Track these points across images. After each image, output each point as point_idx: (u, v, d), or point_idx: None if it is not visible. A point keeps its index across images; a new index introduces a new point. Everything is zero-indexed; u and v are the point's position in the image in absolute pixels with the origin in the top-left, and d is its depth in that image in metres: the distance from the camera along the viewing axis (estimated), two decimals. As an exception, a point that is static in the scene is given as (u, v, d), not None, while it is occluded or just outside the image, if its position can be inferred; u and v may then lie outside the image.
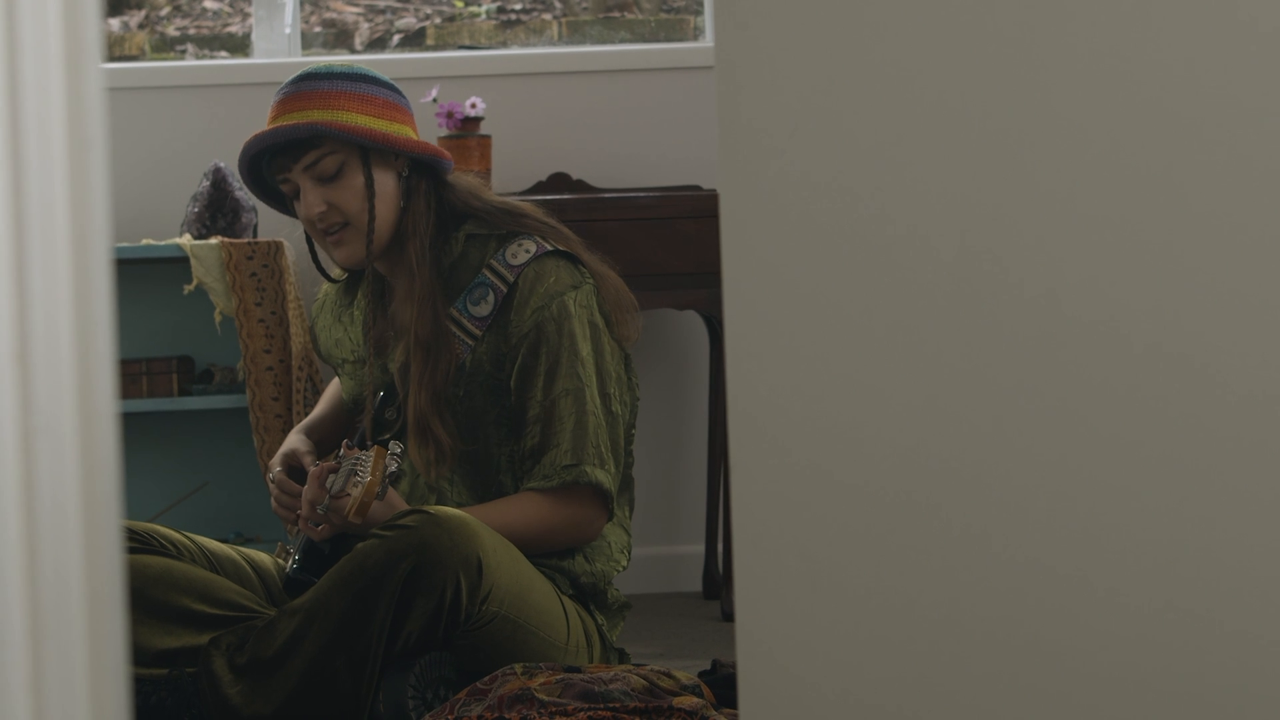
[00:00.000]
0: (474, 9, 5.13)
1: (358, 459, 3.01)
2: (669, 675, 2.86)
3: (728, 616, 4.19)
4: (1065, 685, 1.54)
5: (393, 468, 2.95)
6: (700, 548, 4.52)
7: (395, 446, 2.99)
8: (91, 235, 1.05)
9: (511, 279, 3.12)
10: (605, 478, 3.09)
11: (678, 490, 4.54)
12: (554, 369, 3.09)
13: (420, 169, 3.19)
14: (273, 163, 3.16)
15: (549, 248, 3.14)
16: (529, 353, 3.10)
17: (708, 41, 4.76)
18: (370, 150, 3.13)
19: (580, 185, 4.48)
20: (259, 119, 4.55)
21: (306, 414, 4.10)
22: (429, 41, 5.05)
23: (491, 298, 3.14)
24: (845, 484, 1.54)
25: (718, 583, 4.41)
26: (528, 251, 3.13)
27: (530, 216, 3.21)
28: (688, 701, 2.73)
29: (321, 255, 3.40)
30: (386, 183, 3.15)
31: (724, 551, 4.29)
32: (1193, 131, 1.53)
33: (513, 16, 5.04)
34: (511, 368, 3.12)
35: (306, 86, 3.16)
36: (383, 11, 5.17)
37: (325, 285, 3.43)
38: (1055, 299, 1.54)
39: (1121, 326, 1.54)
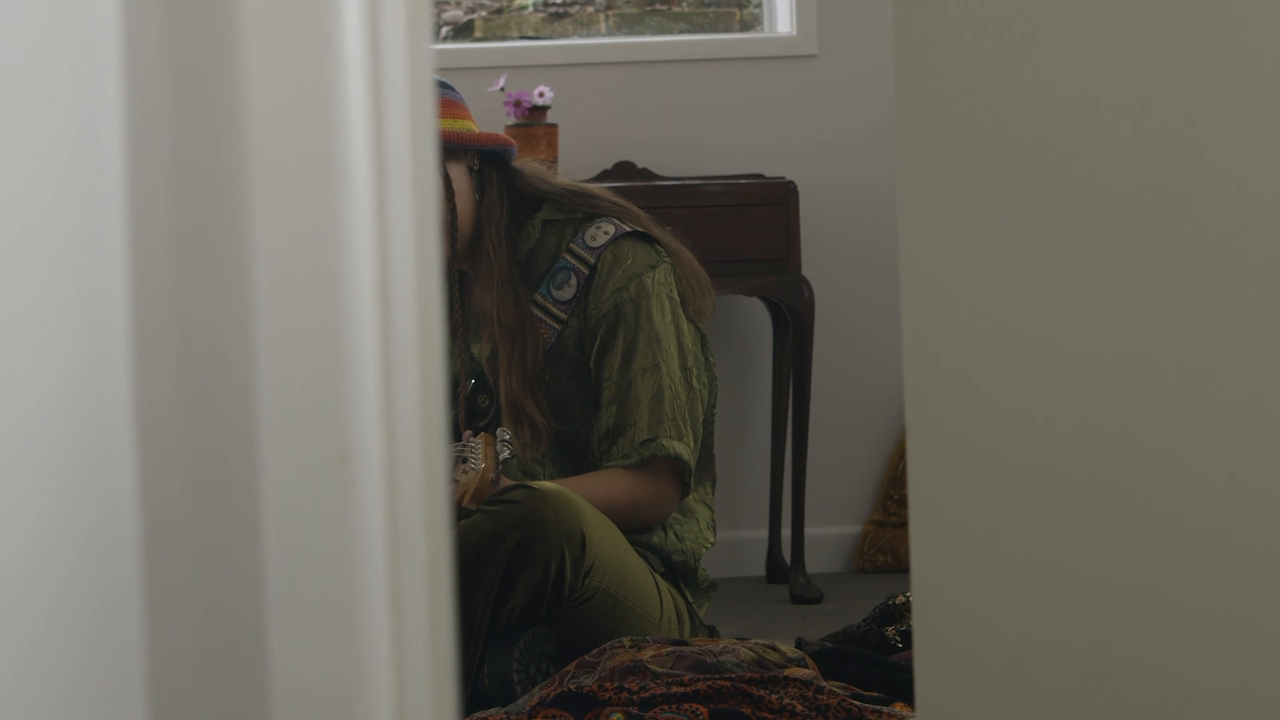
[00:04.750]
0: (521, 1, 5.18)
1: (465, 445, 3.06)
2: (773, 648, 2.90)
3: (796, 599, 4.24)
4: (1269, 616, 1.42)
5: (505, 454, 3.00)
6: (763, 533, 4.57)
7: (504, 433, 3.04)
8: (427, 175, 1.09)
9: (592, 261, 3.17)
10: (684, 449, 3.12)
11: (741, 476, 4.59)
12: (631, 349, 3.13)
13: (489, 160, 3.23)
14: None
15: (626, 229, 3.19)
16: (607, 333, 3.14)
17: (765, 32, 4.81)
18: (441, 149, 3.17)
19: (645, 173, 4.53)
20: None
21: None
22: (477, 34, 5.09)
23: (574, 281, 3.18)
24: (1024, 412, 1.44)
25: (781, 567, 4.46)
26: (606, 233, 3.18)
27: (601, 197, 3.26)
28: (799, 672, 2.77)
29: None
30: (460, 179, 3.20)
31: (792, 536, 4.34)
32: None
33: (558, 9, 5.08)
34: (591, 348, 3.16)
35: None
36: (425, 4, 5.21)
37: None
38: (1259, 205, 1.41)
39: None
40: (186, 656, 1.04)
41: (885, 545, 4.58)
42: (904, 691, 2.83)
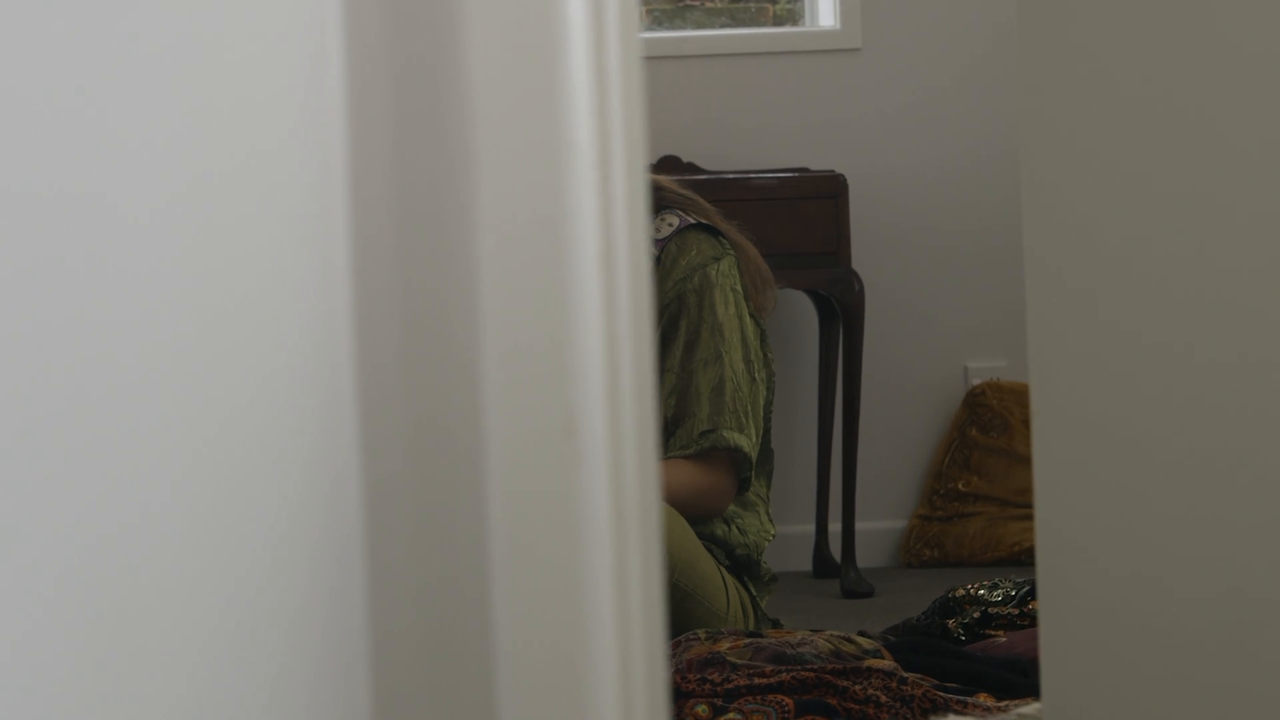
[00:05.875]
0: None
1: None
2: (849, 640, 2.89)
3: (848, 594, 4.23)
4: None
5: None
6: (810, 528, 4.56)
7: None
8: (638, 145, 1.08)
9: (656, 253, 3.16)
10: (744, 441, 3.10)
11: (788, 471, 4.58)
12: (694, 339, 3.12)
13: None
14: None
15: (691, 220, 3.18)
16: (670, 323, 3.13)
17: (808, 26, 4.81)
18: None
19: (691, 167, 4.52)
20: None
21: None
22: (512, 29, 5.07)
23: None
24: (1153, 341, 1.30)
25: (829, 562, 4.46)
26: (670, 225, 3.17)
27: (667, 189, 3.25)
28: (880, 663, 2.76)
29: None
30: None
31: (843, 531, 4.34)
32: None
33: (590, 6, 5.07)
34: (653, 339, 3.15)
35: None
36: (455, 1, 5.20)
37: None
38: None
39: None
40: (410, 627, 1.03)
41: (931, 540, 4.57)
42: (980, 682, 2.82)
